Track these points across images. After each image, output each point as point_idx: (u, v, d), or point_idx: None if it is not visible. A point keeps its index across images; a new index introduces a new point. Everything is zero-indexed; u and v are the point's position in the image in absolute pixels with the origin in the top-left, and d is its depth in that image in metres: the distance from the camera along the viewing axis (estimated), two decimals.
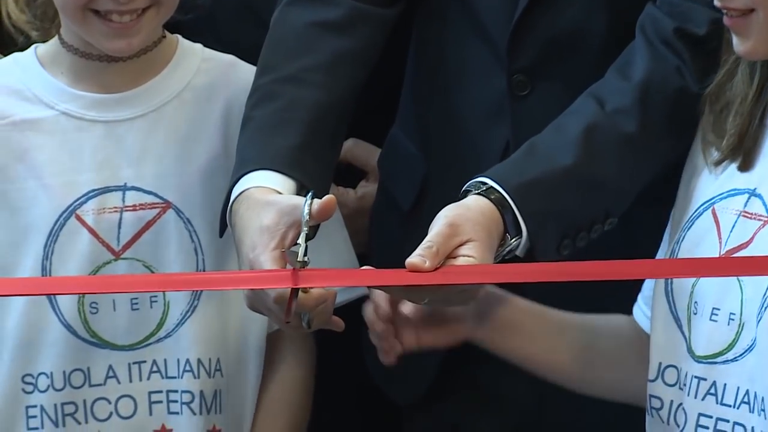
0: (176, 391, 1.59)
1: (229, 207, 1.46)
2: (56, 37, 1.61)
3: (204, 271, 1.61)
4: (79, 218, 1.56)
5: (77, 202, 1.56)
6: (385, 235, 1.59)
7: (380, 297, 1.47)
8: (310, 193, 1.35)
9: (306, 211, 1.32)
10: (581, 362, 1.54)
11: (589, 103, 1.54)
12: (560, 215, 1.47)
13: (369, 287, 1.50)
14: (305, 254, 1.29)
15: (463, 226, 1.37)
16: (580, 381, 1.56)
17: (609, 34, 1.64)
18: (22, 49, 1.67)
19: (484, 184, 1.43)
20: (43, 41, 1.64)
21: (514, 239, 1.42)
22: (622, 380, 1.53)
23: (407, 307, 1.47)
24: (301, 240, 1.30)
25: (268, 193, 1.42)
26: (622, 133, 1.51)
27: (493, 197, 1.42)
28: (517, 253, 1.43)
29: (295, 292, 1.29)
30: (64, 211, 1.55)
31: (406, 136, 1.82)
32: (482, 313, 1.53)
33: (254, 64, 1.67)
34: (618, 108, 1.52)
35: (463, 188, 1.44)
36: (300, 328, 1.40)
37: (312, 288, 1.33)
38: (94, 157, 1.59)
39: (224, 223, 1.51)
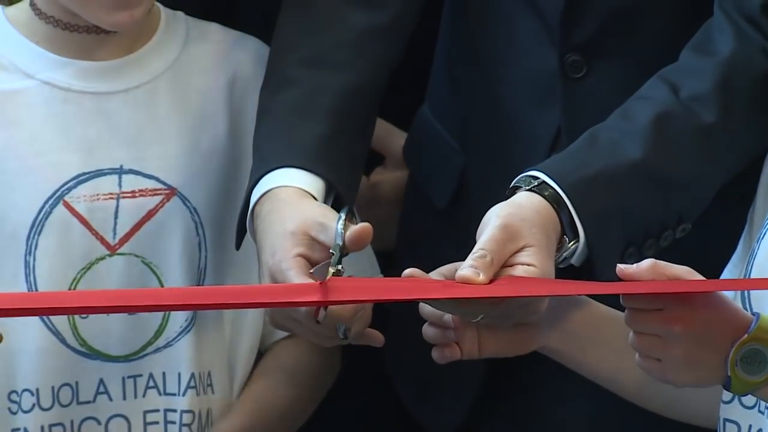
0: (175, 411, 1.52)
1: (250, 210, 1.38)
2: (25, 2, 1.55)
3: (205, 268, 1.52)
4: (67, 206, 1.46)
5: (65, 187, 1.46)
6: (416, 235, 1.54)
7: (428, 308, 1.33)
8: (343, 212, 1.29)
9: (340, 229, 1.27)
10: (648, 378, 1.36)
11: (661, 87, 1.43)
12: (625, 217, 1.37)
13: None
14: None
15: (520, 229, 1.26)
16: (660, 402, 1.44)
17: (679, 5, 1.54)
18: None
19: (536, 178, 1.32)
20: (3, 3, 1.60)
21: (571, 243, 1.31)
22: (697, 399, 1.37)
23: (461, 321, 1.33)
24: (332, 261, 1.23)
25: (296, 195, 1.36)
26: (699, 123, 1.40)
27: (547, 194, 1.31)
28: (573, 261, 1.32)
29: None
30: (50, 197, 1.46)
31: (439, 121, 1.72)
32: (558, 318, 1.40)
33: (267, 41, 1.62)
34: (695, 94, 1.40)
35: (512, 183, 1.33)
36: (336, 340, 1.32)
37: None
38: (83, 135, 1.49)
39: (242, 230, 1.43)
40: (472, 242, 1.24)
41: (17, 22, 1.53)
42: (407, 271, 1.25)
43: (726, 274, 1.43)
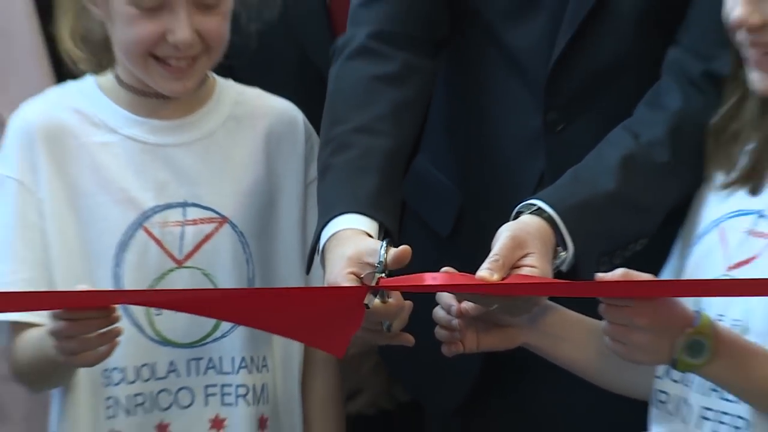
0: (230, 385, 1.67)
1: (320, 248, 1.54)
2: (112, 75, 1.70)
3: (253, 278, 1.69)
4: (146, 230, 1.63)
5: (143, 217, 1.64)
6: (421, 257, 1.55)
7: (447, 299, 1.51)
8: (385, 241, 1.45)
9: (382, 253, 1.41)
10: (610, 364, 1.57)
11: (625, 135, 1.62)
12: (603, 235, 1.55)
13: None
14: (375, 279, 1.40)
15: (525, 240, 1.45)
16: (611, 380, 1.62)
17: (639, 72, 1.69)
18: (74, 77, 1.73)
19: (534, 205, 1.51)
20: (93, 73, 1.71)
21: (563, 253, 1.50)
22: (637, 377, 1.57)
23: (472, 312, 1.52)
24: (377, 270, 1.40)
25: (357, 234, 1.50)
26: (656, 162, 1.58)
27: (544, 216, 1.50)
28: (563, 268, 1.51)
29: (369, 294, 1.40)
30: (132, 224, 1.63)
31: (436, 167, 1.86)
32: (536, 321, 1.59)
33: (297, 101, 1.76)
34: (651, 140, 1.60)
35: (516, 209, 1.51)
36: (381, 333, 1.49)
37: (389, 299, 1.43)
38: (156, 177, 1.67)
39: (311, 261, 1.60)
40: (472, 263, 1.43)
41: (105, 88, 1.69)
42: (444, 269, 1.45)
43: (664, 277, 1.63)
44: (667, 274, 1.61)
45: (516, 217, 1.50)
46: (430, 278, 1.46)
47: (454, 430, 1.89)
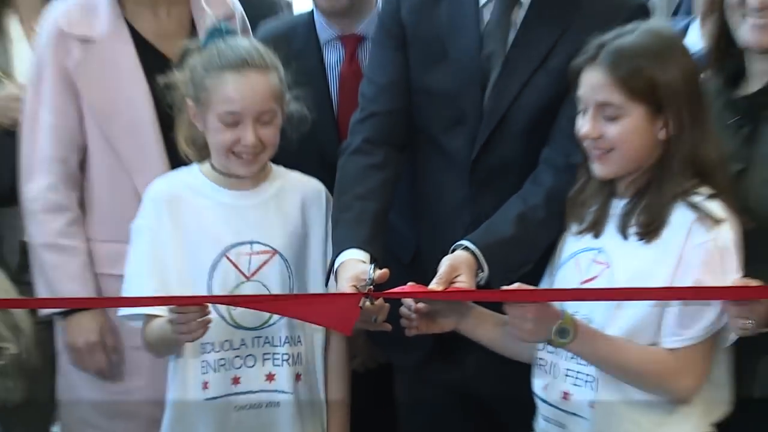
0: (278, 354, 1.68)
1: (334, 269, 1.57)
2: (208, 163, 1.71)
3: (293, 289, 1.70)
4: (227, 258, 1.66)
5: (225, 249, 1.66)
6: (394, 276, 1.52)
7: (409, 302, 1.55)
8: (372, 265, 1.50)
9: (371, 274, 1.47)
10: (508, 341, 1.58)
11: (518, 201, 1.64)
12: (505, 262, 1.57)
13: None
14: (367, 289, 1.46)
15: (458, 266, 1.51)
16: (510, 351, 1.64)
17: (527, 162, 1.68)
18: (185, 164, 1.75)
19: (463, 245, 1.55)
20: (197, 162, 1.73)
21: (481, 274, 1.53)
22: (525, 349, 1.60)
23: (424, 309, 1.56)
24: (366, 284, 1.46)
25: (356, 262, 1.54)
26: (537, 218, 1.61)
27: (470, 251, 1.53)
28: (481, 283, 1.54)
29: (363, 298, 1.46)
30: (219, 254, 1.66)
31: (402, 220, 1.81)
32: (462, 314, 1.61)
33: (319, 178, 1.78)
34: (534, 204, 1.62)
35: (452, 247, 1.55)
36: (370, 323, 1.54)
37: (376, 301, 1.49)
38: (235, 225, 1.68)
39: (328, 278, 1.63)
40: (425, 280, 1.49)
41: (204, 171, 1.71)
42: (409, 283, 1.49)
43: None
44: (542, 287, 1.62)
45: (452, 252, 1.55)
46: (399, 289, 1.51)
47: (413, 381, 1.87)
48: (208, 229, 1.69)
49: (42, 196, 1.85)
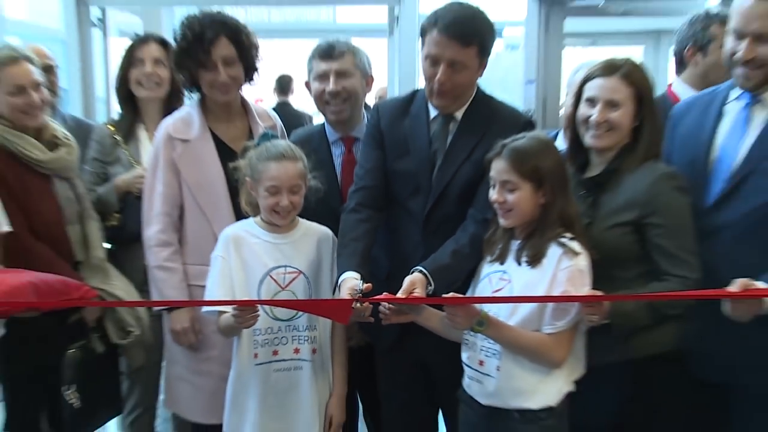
0: (302, 336, 1.69)
1: (338, 284, 1.56)
2: (260, 217, 1.70)
3: (312, 296, 1.67)
4: (270, 276, 1.66)
5: (268, 271, 1.66)
6: (375, 288, 1.50)
7: (385, 304, 1.52)
8: (361, 281, 1.49)
9: (360, 286, 1.47)
10: (446, 329, 1.56)
11: (452, 242, 1.62)
12: (445, 280, 1.54)
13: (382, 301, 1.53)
14: (358, 296, 1.46)
15: (415, 282, 1.51)
16: (447, 335, 1.61)
17: (458, 217, 1.65)
18: (245, 217, 1.74)
19: (418, 269, 1.53)
20: (253, 216, 1.72)
21: (429, 288, 1.51)
22: (457, 333, 1.58)
23: (394, 309, 1.54)
24: (356, 293, 1.46)
25: (351, 279, 1.51)
26: (464, 253, 1.59)
27: (423, 272, 1.53)
28: (429, 293, 1.52)
29: (355, 302, 1.46)
30: (264, 274, 1.66)
31: (380, 254, 1.76)
32: (418, 312, 1.59)
33: (329, 227, 1.73)
34: (463, 243, 1.61)
35: (411, 270, 1.53)
36: (360, 317, 1.52)
37: (364, 303, 1.48)
38: (274, 256, 1.67)
39: (334, 290, 1.62)
40: (395, 291, 1.49)
41: (257, 222, 1.68)
42: (384, 293, 1.47)
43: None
44: (468, 295, 1.58)
45: (411, 273, 1.53)
46: (378, 297, 1.50)
47: (386, 354, 1.82)
48: (258, 257, 1.66)
49: (155, 236, 1.86)
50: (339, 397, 1.71)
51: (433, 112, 1.66)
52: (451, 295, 1.45)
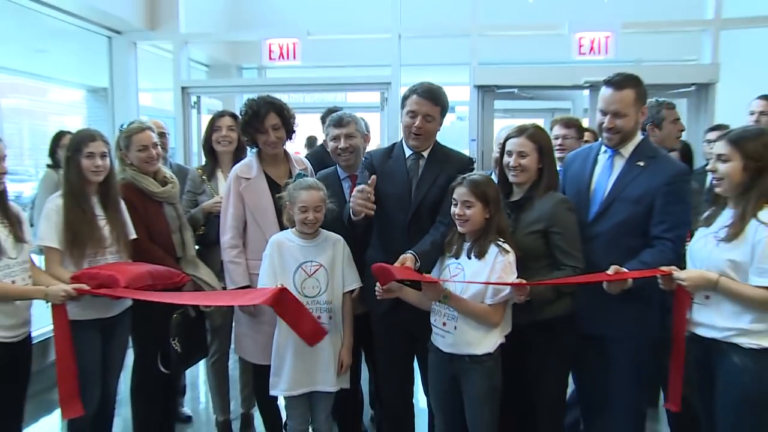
0: (322, 306, 1.62)
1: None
2: (296, 228, 1.62)
3: (329, 283, 1.59)
4: (302, 268, 1.61)
5: (300, 264, 1.61)
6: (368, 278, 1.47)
7: (378, 287, 1.45)
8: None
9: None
10: (422, 300, 1.50)
11: (429, 236, 1.53)
12: (427, 261, 1.48)
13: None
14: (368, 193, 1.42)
15: (407, 259, 1.43)
16: (422, 305, 1.53)
17: (431, 223, 1.55)
18: (285, 228, 1.65)
19: (410, 251, 1.46)
20: (291, 227, 1.64)
21: (417, 265, 1.44)
22: (429, 304, 1.51)
23: (384, 288, 1.46)
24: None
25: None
26: (438, 243, 1.51)
27: (412, 253, 1.45)
28: (415, 269, 1.43)
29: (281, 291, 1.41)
30: (297, 267, 1.60)
31: (377, 252, 1.64)
32: (401, 290, 1.51)
33: (342, 236, 1.63)
34: (436, 238, 1.52)
35: (404, 253, 1.45)
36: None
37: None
38: (305, 254, 1.62)
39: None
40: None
41: (293, 231, 1.64)
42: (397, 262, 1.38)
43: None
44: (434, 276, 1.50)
45: (406, 253, 1.46)
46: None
47: (380, 321, 1.69)
48: (293, 255, 1.63)
49: (228, 241, 1.80)
50: (347, 348, 1.65)
51: (407, 153, 1.63)
52: (430, 276, 1.45)
